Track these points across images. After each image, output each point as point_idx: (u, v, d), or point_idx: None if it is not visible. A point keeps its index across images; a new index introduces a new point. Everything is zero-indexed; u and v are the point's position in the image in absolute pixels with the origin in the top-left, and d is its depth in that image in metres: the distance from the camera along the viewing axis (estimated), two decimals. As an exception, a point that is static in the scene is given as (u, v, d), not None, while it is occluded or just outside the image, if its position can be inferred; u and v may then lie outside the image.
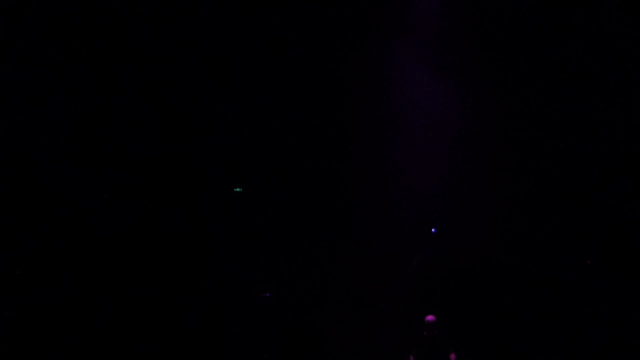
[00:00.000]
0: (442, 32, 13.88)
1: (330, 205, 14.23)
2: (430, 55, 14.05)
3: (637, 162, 13.65)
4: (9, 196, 12.21)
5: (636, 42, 13.40)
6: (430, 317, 12.27)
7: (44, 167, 12.49)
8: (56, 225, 12.48)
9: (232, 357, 13.21)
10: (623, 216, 13.72)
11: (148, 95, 12.93)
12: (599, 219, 13.88)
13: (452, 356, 12.14)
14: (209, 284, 13.32)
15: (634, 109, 13.58)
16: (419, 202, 14.24)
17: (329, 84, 13.92)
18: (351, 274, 13.98)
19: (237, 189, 13.74)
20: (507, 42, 13.87)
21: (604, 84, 13.72)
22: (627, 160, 13.75)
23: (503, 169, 14.24)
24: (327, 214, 14.21)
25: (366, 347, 13.70)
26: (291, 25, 13.59)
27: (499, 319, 13.86)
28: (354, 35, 13.83)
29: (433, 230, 14.04)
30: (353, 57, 13.89)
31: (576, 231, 14.03)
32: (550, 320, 13.71)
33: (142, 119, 13.01)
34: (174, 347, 12.79)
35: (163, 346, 12.70)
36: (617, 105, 13.71)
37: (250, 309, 13.41)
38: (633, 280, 13.39)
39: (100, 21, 12.59)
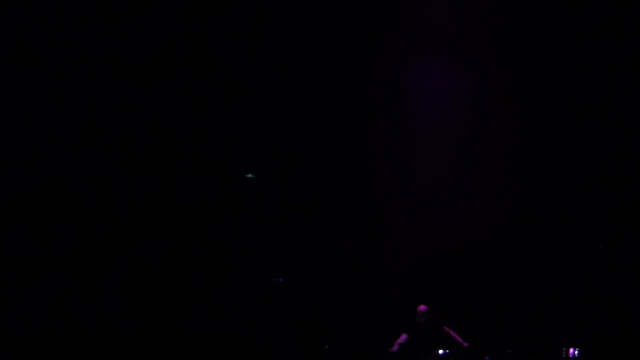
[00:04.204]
0: (454, 29, 13.82)
1: (341, 201, 14.29)
2: (441, 51, 13.98)
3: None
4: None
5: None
6: (422, 307, 12.32)
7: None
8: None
9: (245, 343, 13.29)
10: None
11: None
12: (608, 218, 13.90)
13: (448, 331, 12.22)
14: (223, 273, 13.45)
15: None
16: (427, 199, 14.25)
17: (338, 84, 13.92)
18: (363, 266, 14.08)
19: (249, 175, 13.86)
20: (519, 38, 13.79)
21: (618, 82, 13.63)
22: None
23: (513, 167, 14.22)
24: (337, 211, 14.27)
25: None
26: (299, 22, 13.63)
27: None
28: (364, 34, 13.81)
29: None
30: (362, 56, 13.88)
31: (589, 229, 14.02)
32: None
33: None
34: (186, 335, 12.90)
35: (173, 335, 12.81)
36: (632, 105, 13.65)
37: (263, 295, 13.51)
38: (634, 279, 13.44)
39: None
